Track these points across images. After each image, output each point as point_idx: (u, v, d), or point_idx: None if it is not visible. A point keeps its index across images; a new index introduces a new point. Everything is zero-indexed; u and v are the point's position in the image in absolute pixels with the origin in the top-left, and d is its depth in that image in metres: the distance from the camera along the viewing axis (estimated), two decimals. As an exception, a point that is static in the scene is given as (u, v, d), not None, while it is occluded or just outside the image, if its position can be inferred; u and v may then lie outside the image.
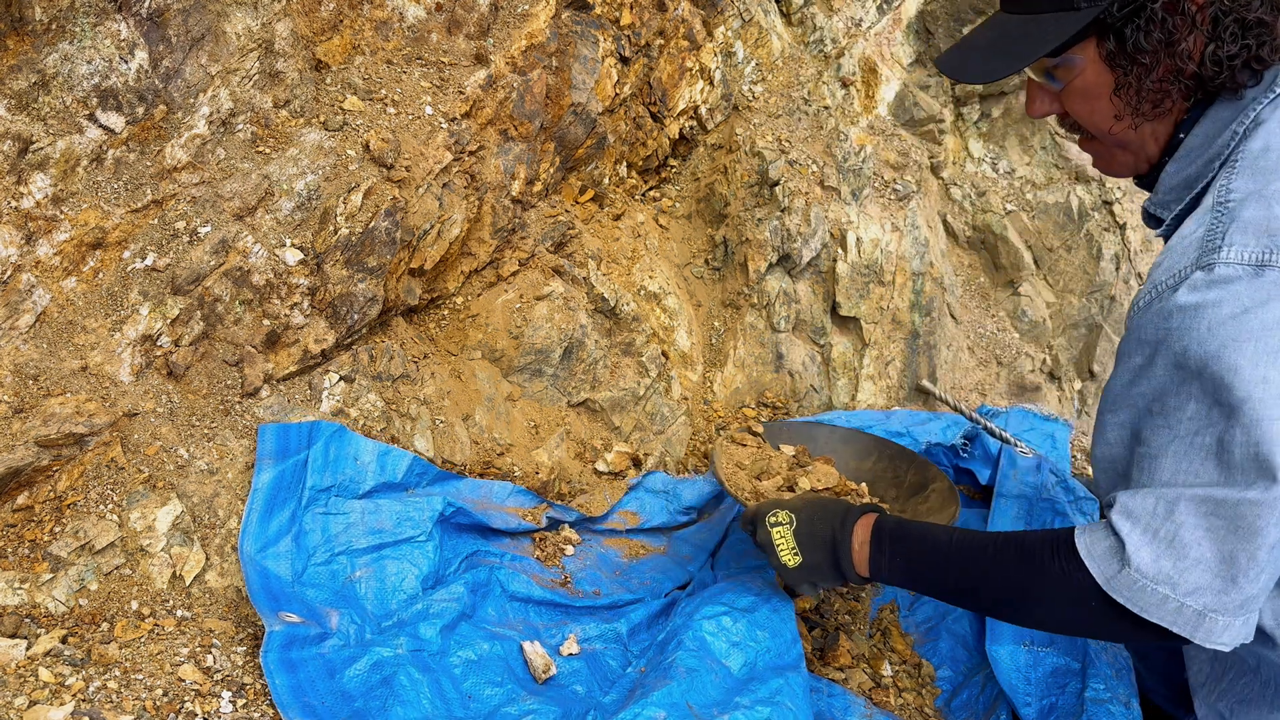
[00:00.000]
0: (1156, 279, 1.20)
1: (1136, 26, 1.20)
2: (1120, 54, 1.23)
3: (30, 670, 1.35)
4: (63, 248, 1.60)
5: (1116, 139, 1.33)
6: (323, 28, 1.99)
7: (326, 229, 1.85)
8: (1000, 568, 1.31)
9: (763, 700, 1.56)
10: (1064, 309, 3.55)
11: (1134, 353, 1.21)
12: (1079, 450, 3.27)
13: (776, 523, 1.53)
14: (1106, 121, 1.31)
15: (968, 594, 1.38)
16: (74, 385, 1.58)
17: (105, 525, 1.55)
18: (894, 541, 1.44)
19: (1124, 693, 1.75)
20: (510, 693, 1.59)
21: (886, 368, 2.91)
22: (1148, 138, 1.31)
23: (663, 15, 2.61)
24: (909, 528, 1.45)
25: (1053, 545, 1.26)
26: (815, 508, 1.55)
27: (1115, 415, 1.25)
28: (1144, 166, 1.35)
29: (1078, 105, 1.32)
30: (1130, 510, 1.18)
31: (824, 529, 1.50)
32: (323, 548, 1.71)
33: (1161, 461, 1.16)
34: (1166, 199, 1.32)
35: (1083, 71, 1.28)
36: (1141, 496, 1.17)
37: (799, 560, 1.50)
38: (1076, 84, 1.30)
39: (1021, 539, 1.31)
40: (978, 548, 1.34)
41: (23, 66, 1.53)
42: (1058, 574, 1.24)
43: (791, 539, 1.51)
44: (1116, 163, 1.38)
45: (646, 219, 2.79)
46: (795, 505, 1.56)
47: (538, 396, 2.31)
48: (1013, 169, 3.62)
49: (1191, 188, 1.27)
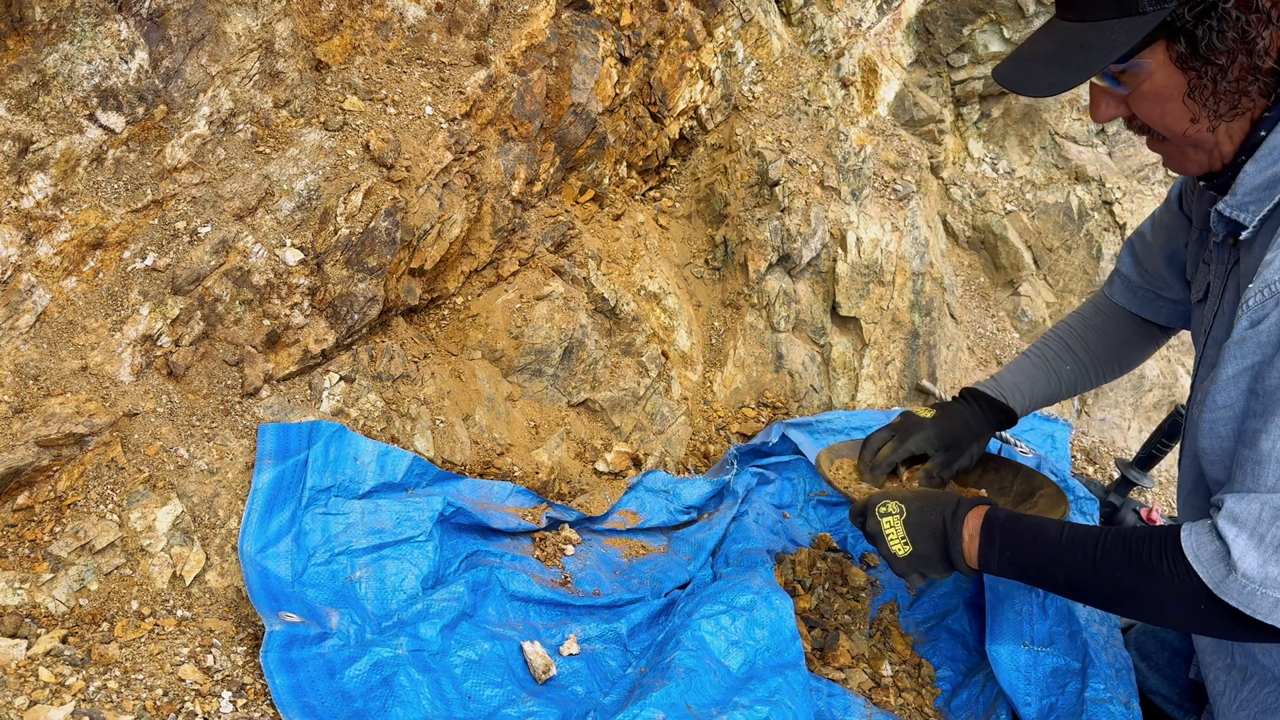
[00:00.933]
0: (1270, 279, 1.17)
1: (1209, 27, 1.15)
2: (1193, 56, 1.18)
3: (30, 670, 1.35)
4: (63, 248, 1.60)
5: (1190, 139, 1.27)
6: (323, 28, 1.99)
7: (327, 229, 1.85)
8: (1108, 567, 1.31)
9: (762, 699, 1.56)
10: (1064, 309, 3.55)
11: (1250, 354, 1.19)
12: (1079, 450, 3.27)
13: (886, 513, 1.54)
14: (1181, 124, 1.25)
15: (1077, 591, 1.39)
16: (74, 385, 1.58)
17: (105, 525, 1.55)
18: (1005, 535, 1.44)
19: (1124, 693, 1.75)
20: (510, 693, 1.59)
21: (886, 368, 2.91)
22: (1223, 137, 1.25)
23: (663, 15, 2.61)
24: (1021, 522, 1.45)
25: (1160, 546, 1.26)
26: (926, 499, 1.54)
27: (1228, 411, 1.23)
28: (1217, 165, 1.30)
29: (1148, 109, 1.27)
30: (1236, 515, 1.18)
31: (934, 519, 1.50)
32: (323, 548, 1.71)
33: (1268, 468, 1.15)
34: (1246, 200, 1.26)
35: (1151, 75, 1.23)
36: (1247, 502, 1.17)
37: (909, 550, 1.50)
38: (1146, 88, 1.24)
39: (1128, 538, 1.31)
40: (1086, 545, 1.34)
41: (23, 66, 1.54)
42: (1167, 575, 1.24)
43: (901, 528, 1.52)
44: (1190, 162, 1.32)
45: (646, 219, 2.79)
46: (906, 497, 1.56)
47: (538, 396, 2.31)
48: (1012, 169, 3.62)
49: (1277, 188, 1.23)
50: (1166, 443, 2.38)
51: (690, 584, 1.98)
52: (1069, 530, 1.38)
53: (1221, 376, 1.23)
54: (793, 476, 2.46)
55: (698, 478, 2.39)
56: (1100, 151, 3.75)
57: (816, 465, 1.88)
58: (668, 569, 2.04)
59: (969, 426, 1.81)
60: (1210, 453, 1.28)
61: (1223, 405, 1.24)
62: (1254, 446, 1.17)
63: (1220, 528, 1.19)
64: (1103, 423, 3.48)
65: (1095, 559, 1.32)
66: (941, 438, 1.79)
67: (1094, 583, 1.34)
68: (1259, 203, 1.25)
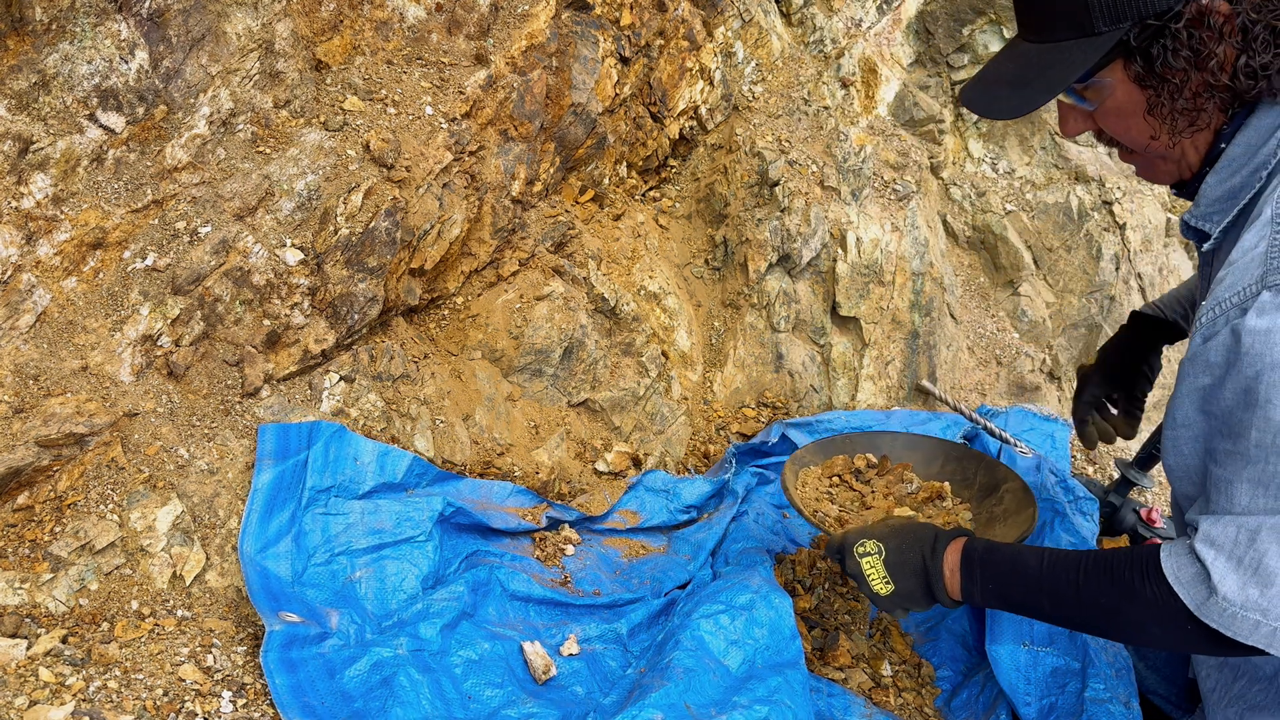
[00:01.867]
0: (1220, 297, 1.18)
1: (1163, 46, 1.17)
2: (1149, 74, 1.20)
3: (30, 670, 1.36)
4: (63, 248, 1.60)
5: (1155, 152, 1.30)
6: (323, 28, 1.99)
7: (327, 229, 1.85)
8: (1091, 593, 1.32)
9: (761, 699, 1.56)
10: (1064, 309, 3.55)
11: (1201, 373, 1.20)
12: (1078, 450, 3.27)
13: (865, 553, 1.54)
14: (1143, 139, 1.28)
15: (1062, 618, 1.40)
16: (74, 385, 1.58)
17: (105, 525, 1.55)
18: (984, 567, 1.45)
19: (1124, 693, 1.75)
20: (510, 694, 1.59)
21: (886, 368, 2.91)
22: (1188, 148, 1.28)
23: (663, 15, 2.61)
24: (997, 553, 1.45)
25: (1142, 569, 1.27)
26: (904, 535, 1.55)
27: (1187, 430, 1.24)
28: (1187, 174, 1.32)
29: (1113, 124, 1.30)
30: (1213, 539, 1.18)
31: (914, 558, 1.51)
32: (323, 548, 1.71)
33: (1237, 487, 1.16)
34: (1209, 211, 1.28)
35: (1113, 92, 1.25)
36: (1223, 525, 1.18)
37: (891, 589, 1.52)
38: (1109, 104, 1.27)
39: (1108, 560, 1.32)
40: (1067, 571, 1.35)
41: (23, 66, 1.54)
42: (1150, 599, 1.25)
43: (882, 568, 1.52)
44: (1160, 172, 1.35)
45: (646, 219, 2.79)
46: (882, 534, 1.56)
47: (538, 396, 2.31)
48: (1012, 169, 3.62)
49: (1237, 199, 1.24)
50: (1166, 443, 2.38)
51: (690, 584, 1.98)
52: (1049, 557, 1.39)
53: (1179, 392, 1.24)
54: (792, 476, 2.46)
55: (697, 477, 2.39)
56: (1100, 151, 3.75)
57: (782, 480, 1.88)
58: (668, 569, 2.04)
59: (1132, 351, 1.91)
60: (1176, 469, 1.29)
61: (1181, 424, 1.25)
62: (1221, 465, 1.18)
63: (1199, 550, 1.19)
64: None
65: (1078, 584, 1.33)
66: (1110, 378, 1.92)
67: (1077, 609, 1.35)
68: (1221, 213, 1.27)
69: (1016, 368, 3.35)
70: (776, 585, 1.83)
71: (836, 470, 1.98)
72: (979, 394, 3.23)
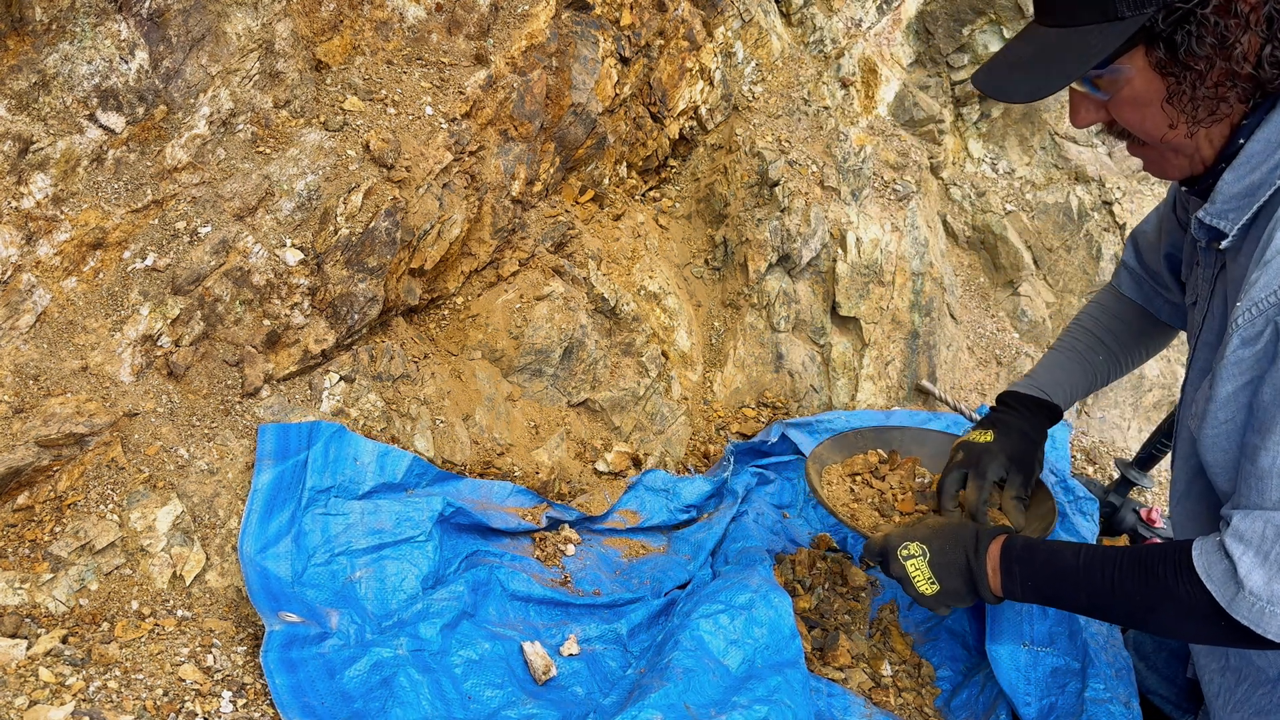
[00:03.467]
0: (1256, 297, 1.16)
1: (1188, 32, 1.13)
2: (1171, 61, 1.17)
3: (30, 670, 1.36)
4: (63, 248, 1.60)
5: (1170, 144, 1.27)
6: (323, 28, 1.99)
7: (327, 229, 1.85)
8: (1126, 588, 1.33)
9: (761, 699, 1.56)
10: (1064, 309, 3.55)
11: (1243, 372, 1.20)
12: (1078, 450, 3.28)
13: (910, 555, 1.57)
14: (1160, 130, 1.25)
15: (1098, 611, 1.42)
16: (74, 385, 1.58)
17: (105, 525, 1.55)
18: (1022, 564, 1.47)
19: (1124, 693, 1.75)
20: (510, 695, 1.59)
21: (886, 368, 2.92)
22: (1203, 142, 1.25)
23: (663, 15, 2.61)
24: (1035, 551, 1.48)
25: (1175, 565, 1.28)
26: (946, 537, 1.57)
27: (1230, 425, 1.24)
28: (1199, 169, 1.29)
29: (1128, 114, 1.26)
30: (1241, 534, 1.19)
31: (958, 558, 1.54)
32: (322, 548, 1.71)
33: (1269, 483, 1.16)
34: (1226, 209, 1.25)
35: (1130, 81, 1.22)
36: (1251, 520, 1.18)
37: (937, 589, 1.55)
38: (1125, 93, 1.23)
39: (1142, 557, 1.33)
40: (1103, 568, 1.37)
41: (23, 66, 1.54)
42: (1183, 595, 1.26)
43: (928, 569, 1.55)
44: (1171, 166, 1.32)
45: (646, 219, 2.79)
46: (925, 535, 1.59)
47: (538, 396, 2.31)
48: (1012, 169, 3.62)
49: (1255, 196, 1.22)
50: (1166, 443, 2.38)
51: (690, 583, 1.98)
52: (1085, 553, 1.40)
53: (1220, 395, 1.23)
54: (792, 476, 2.46)
55: (697, 477, 2.39)
56: (1100, 151, 3.75)
57: (808, 480, 1.88)
58: (667, 568, 2.04)
59: (1028, 436, 1.77)
60: (1215, 466, 1.29)
61: (1224, 420, 1.24)
62: (1254, 461, 1.18)
63: (1228, 545, 1.20)
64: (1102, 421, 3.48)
65: (1114, 581, 1.34)
66: (1013, 458, 1.74)
67: (1114, 605, 1.37)
68: (1238, 210, 1.24)
69: (1016, 368, 3.35)
70: (776, 585, 1.83)
71: (857, 469, 1.98)
72: (979, 394, 3.23)
